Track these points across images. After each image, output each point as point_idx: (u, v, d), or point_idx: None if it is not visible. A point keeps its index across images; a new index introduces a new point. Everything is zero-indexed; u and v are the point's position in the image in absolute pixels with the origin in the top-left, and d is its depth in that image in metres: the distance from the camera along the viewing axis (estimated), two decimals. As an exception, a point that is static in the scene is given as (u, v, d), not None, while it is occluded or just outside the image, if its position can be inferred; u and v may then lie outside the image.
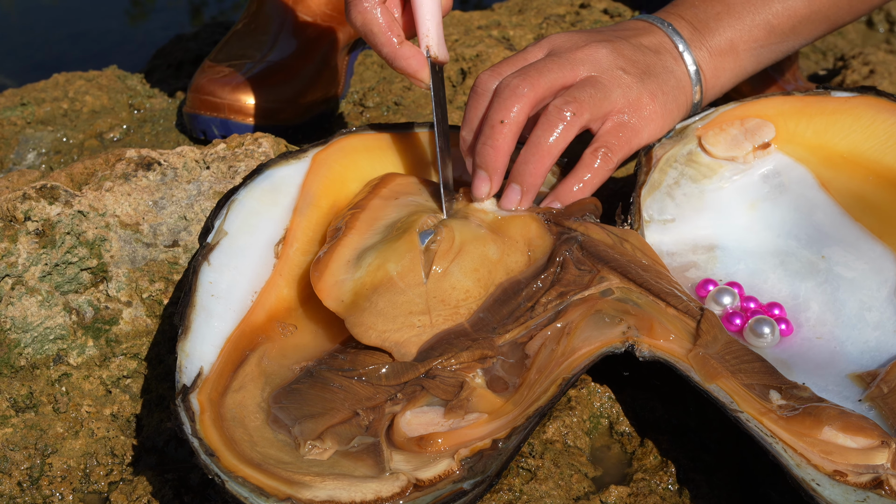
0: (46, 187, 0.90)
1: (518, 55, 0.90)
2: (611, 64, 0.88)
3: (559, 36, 0.91)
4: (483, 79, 0.87)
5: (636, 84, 0.88)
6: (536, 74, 0.86)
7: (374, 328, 0.79)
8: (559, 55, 0.88)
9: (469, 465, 0.71)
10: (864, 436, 0.73)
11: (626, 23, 0.96)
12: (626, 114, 0.88)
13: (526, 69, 0.86)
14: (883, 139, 0.92)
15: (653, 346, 0.77)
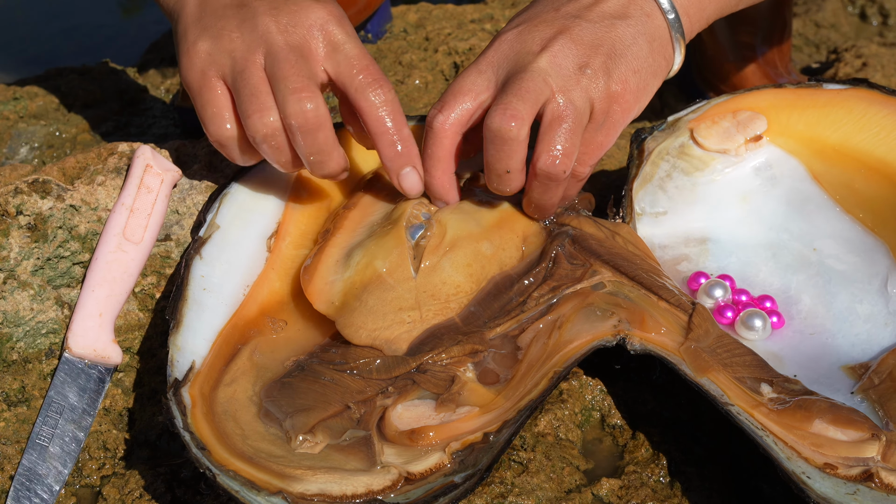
0: (38, 181, 0.90)
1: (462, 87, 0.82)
2: (573, 66, 0.81)
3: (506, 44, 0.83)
4: (435, 116, 0.82)
5: (603, 79, 0.81)
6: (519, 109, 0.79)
7: (365, 327, 0.79)
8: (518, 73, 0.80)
9: (460, 459, 0.71)
10: (855, 428, 0.73)
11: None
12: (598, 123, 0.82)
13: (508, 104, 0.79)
14: (875, 131, 0.92)
15: (644, 340, 0.78)
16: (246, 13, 0.81)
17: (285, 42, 0.80)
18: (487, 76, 0.82)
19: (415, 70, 1.25)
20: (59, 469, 0.78)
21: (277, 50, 0.80)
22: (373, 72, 0.81)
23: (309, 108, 0.78)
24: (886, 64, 1.26)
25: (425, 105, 1.21)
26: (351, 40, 0.82)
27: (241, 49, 0.80)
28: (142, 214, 0.87)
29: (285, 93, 0.79)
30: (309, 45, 0.81)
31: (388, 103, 0.81)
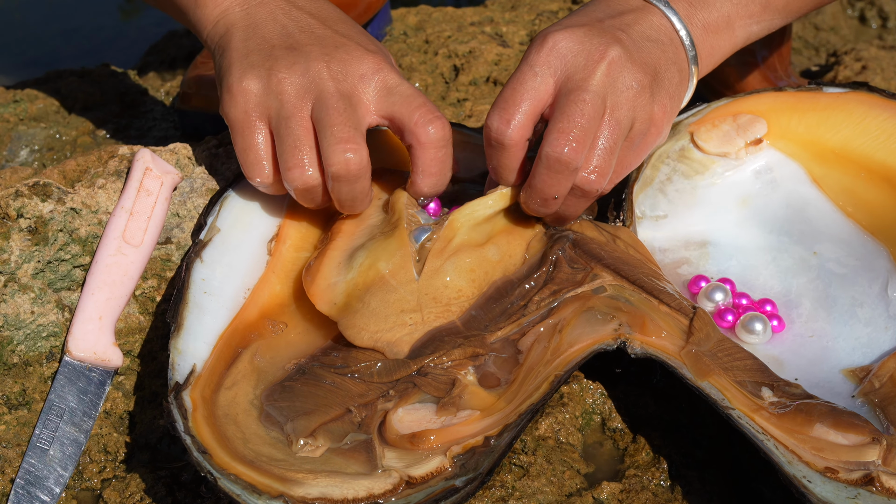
0: (39, 184, 0.90)
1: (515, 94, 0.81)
2: (626, 83, 0.80)
3: (563, 45, 0.81)
4: (497, 127, 0.81)
5: (648, 101, 0.81)
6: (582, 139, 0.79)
7: (367, 329, 0.79)
8: (579, 93, 0.79)
9: (461, 463, 0.71)
10: (855, 432, 0.73)
11: (620, 2, 0.86)
12: (633, 142, 0.83)
13: (571, 132, 0.78)
14: (875, 135, 0.92)
15: (645, 343, 0.78)
16: (297, 56, 0.81)
17: (336, 89, 0.80)
18: (545, 79, 0.81)
19: (415, 73, 1.26)
20: (59, 472, 0.78)
21: (328, 97, 0.80)
22: (430, 108, 0.82)
23: (351, 158, 0.79)
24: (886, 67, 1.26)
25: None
26: (404, 83, 0.82)
27: (290, 93, 0.80)
28: (142, 217, 0.87)
29: (331, 141, 0.79)
30: (359, 93, 0.81)
31: (444, 140, 0.82)
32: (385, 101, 0.82)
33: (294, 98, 0.80)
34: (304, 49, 0.82)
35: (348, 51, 0.82)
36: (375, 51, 0.83)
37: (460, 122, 1.17)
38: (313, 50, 0.82)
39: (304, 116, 0.80)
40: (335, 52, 0.82)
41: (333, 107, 0.80)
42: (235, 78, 0.81)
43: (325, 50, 0.82)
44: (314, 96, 0.80)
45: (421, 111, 0.81)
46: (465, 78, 1.24)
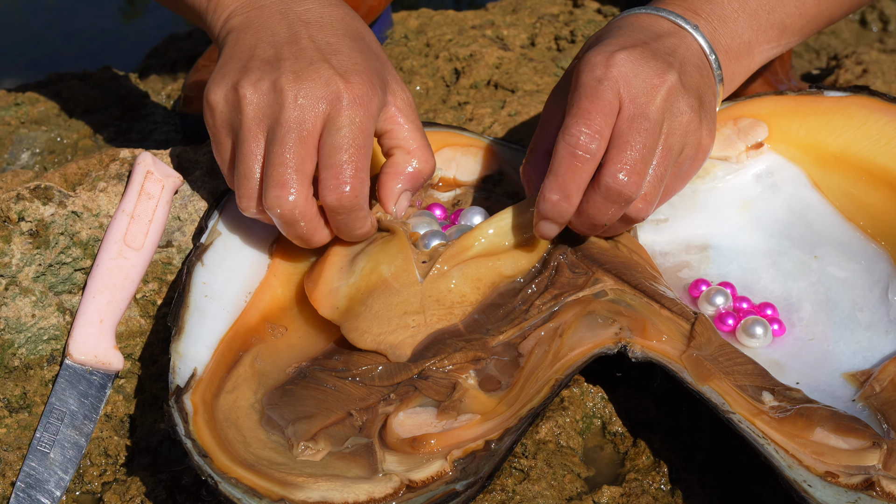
0: (40, 188, 0.90)
1: (596, 105, 0.78)
2: (681, 109, 0.80)
3: (625, 65, 0.79)
4: (584, 141, 0.77)
5: (697, 127, 0.81)
6: (643, 171, 0.78)
7: (370, 332, 0.79)
8: (641, 120, 0.78)
9: (462, 467, 0.71)
10: (856, 437, 0.73)
11: (652, 24, 0.84)
12: (681, 168, 0.82)
13: (635, 164, 0.77)
14: (875, 139, 0.92)
15: (645, 347, 0.78)
16: (265, 71, 0.79)
17: (290, 118, 0.77)
18: (615, 95, 0.78)
19: (416, 76, 1.26)
20: (60, 475, 0.78)
21: (279, 127, 0.77)
22: (341, 172, 0.77)
23: (288, 201, 0.77)
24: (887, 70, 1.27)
25: (426, 111, 1.21)
26: (351, 127, 0.77)
27: (248, 115, 0.78)
28: (143, 221, 0.87)
29: (268, 183, 0.77)
30: (313, 122, 0.78)
31: (340, 209, 0.78)
32: (324, 140, 0.78)
33: (251, 121, 0.78)
34: (278, 63, 0.79)
35: (318, 70, 0.78)
36: (350, 73, 0.79)
37: (461, 125, 1.17)
38: (285, 65, 0.79)
39: (259, 144, 0.78)
40: (306, 69, 0.78)
41: (280, 140, 0.77)
42: (209, 89, 0.80)
43: (299, 66, 0.79)
44: (270, 121, 0.78)
45: (329, 172, 0.77)
46: (466, 81, 1.24)
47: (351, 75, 0.79)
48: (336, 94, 0.78)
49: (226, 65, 0.81)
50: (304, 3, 0.83)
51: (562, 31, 1.31)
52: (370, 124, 0.79)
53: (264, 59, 0.80)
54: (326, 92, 0.77)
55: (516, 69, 1.25)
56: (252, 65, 0.80)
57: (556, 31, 1.31)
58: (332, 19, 0.83)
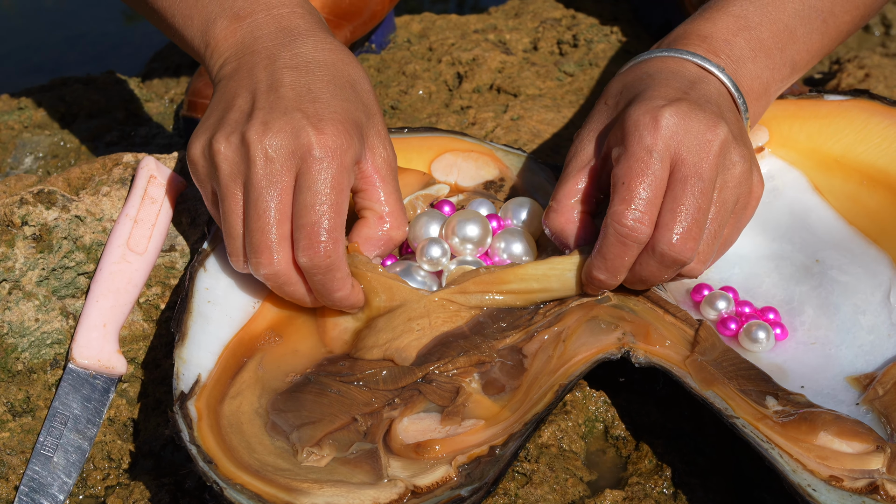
0: (44, 192, 0.90)
1: (646, 183, 0.75)
2: (734, 161, 0.78)
3: (673, 124, 0.76)
4: (634, 226, 0.75)
5: (748, 176, 0.79)
6: (698, 234, 0.76)
7: (377, 345, 0.79)
8: (695, 181, 0.76)
9: (466, 472, 0.71)
10: (860, 440, 0.73)
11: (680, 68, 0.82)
12: (736, 220, 0.81)
13: (690, 229, 0.75)
14: (876, 142, 0.92)
15: (648, 353, 0.78)
16: (238, 124, 0.77)
17: (259, 177, 0.75)
18: (664, 164, 0.76)
19: (418, 80, 1.26)
20: (63, 479, 0.78)
21: (251, 187, 0.76)
22: (312, 231, 0.75)
23: (271, 270, 0.77)
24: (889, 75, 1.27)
25: (428, 115, 1.21)
26: (321, 183, 0.75)
27: (224, 171, 0.77)
28: (146, 225, 0.88)
29: (249, 249, 0.77)
30: (285, 178, 0.76)
31: (315, 269, 0.76)
32: (296, 197, 0.76)
33: (227, 178, 0.77)
34: (252, 113, 0.77)
35: (290, 120, 0.76)
36: (323, 123, 0.76)
37: (464, 129, 1.17)
38: (258, 115, 0.77)
39: (237, 202, 0.77)
40: (277, 120, 0.76)
41: (254, 203, 0.76)
42: (190, 143, 0.80)
43: (271, 116, 0.76)
44: (243, 178, 0.76)
45: (301, 232, 0.76)
46: (469, 85, 1.24)
47: (325, 124, 0.76)
48: (306, 147, 0.75)
49: (207, 118, 0.80)
50: (297, 47, 0.80)
51: (564, 36, 1.31)
52: (343, 178, 0.77)
53: (241, 109, 0.78)
54: (296, 144, 0.75)
55: (519, 73, 1.25)
56: (228, 117, 0.78)
57: (558, 36, 1.31)
58: (320, 65, 0.80)
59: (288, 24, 0.82)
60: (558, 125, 1.16)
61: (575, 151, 0.83)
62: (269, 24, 0.82)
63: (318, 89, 0.78)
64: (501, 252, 0.85)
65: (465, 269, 0.83)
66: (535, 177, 0.94)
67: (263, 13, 0.82)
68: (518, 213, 0.88)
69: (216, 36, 0.83)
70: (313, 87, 0.78)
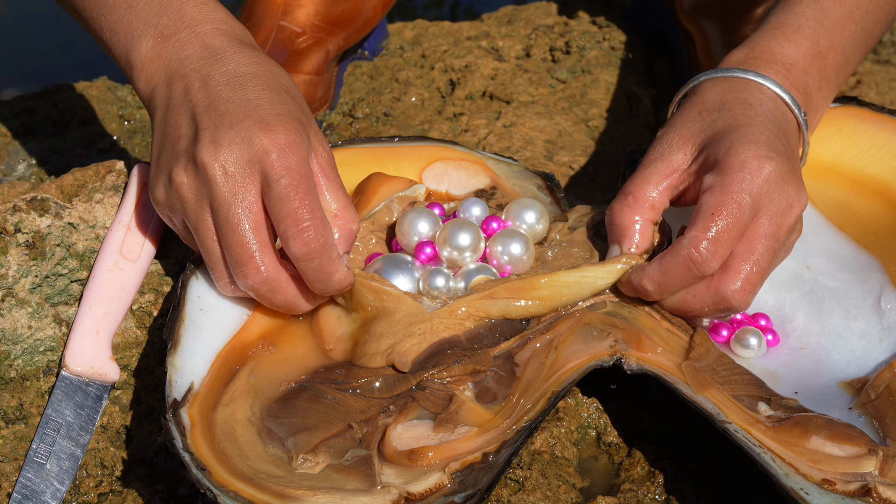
0: (37, 199, 0.90)
1: (733, 226, 0.76)
2: (798, 218, 0.80)
3: (772, 188, 0.77)
4: (706, 260, 0.76)
5: (800, 204, 0.80)
6: (759, 284, 0.79)
7: (379, 352, 0.79)
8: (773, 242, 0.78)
9: (460, 479, 0.71)
10: (852, 444, 0.73)
11: (776, 105, 0.83)
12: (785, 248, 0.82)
13: (754, 281, 0.78)
14: (865, 149, 0.92)
15: (641, 360, 0.78)
16: (190, 149, 0.77)
17: (222, 194, 0.76)
18: (747, 221, 0.77)
19: (411, 87, 1.26)
20: (56, 487, 0.78)
21: (217, 206, 0.76)
22: (297, 218, 0.75)
23: (258, 279, 0.77)
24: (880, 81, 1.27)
25: (421, 122, 1.21)
26: (287, 175, 0.76)
27: (189, 199, 0.77)
28: (139, 232, 0.88)
29: (233, 267, 0.77)
30: (249, 188, 0.76)
31: (311, 253, 0.76)
32: (266, 195, 0.76)
33: (194, 207, 0.77)
34: (197, 136, 0.77)
35: (240, 130, 0.76)
36: (273, 125, 0.77)
37: (456, 136, 1.17)
38: (204, 136, 0.77)
39: (209, 227, 0.77)
40: (225, 135, 0.76)
41: (224, 220, 0.76)
42: (151, 188, 0.80)
43: (218, 133, 0.77)
44: (208, 199, 0.77)
45: (286, 223, 0.76)
46: (462, 92, 1.25)
47: (274, 125, 0.77)
48: (263, 150, 0.76)
49: (158, 157, 0.80)
50: (225, 65, 0.80)
51: (557, 42, 1.31)
52: (306, 168, 0.77)
53: (187, 137, 0.78)
54: (252, 152, 0.76)
55: (511, 80, 1.25)
56: (178, 147, 0.78)
57: (550, 42, 1.32)
58: (251, 76, 0.80)
59: (212, 42, 0.82)
60: (551, 132, 1.17)
61: (661, 153, 0.82)
62: (194, 44, 0.82)
63: (257, 98, 0.79)
64: (500, 255, 0.85)
65: (486, 278, 0.83)
66: (526, 185, 0.94)
67: (187, 31, 0.82)
68: (522, 215, 0.87)
69: (142, 56, 0.83)
70: (251, 97, 0.79)
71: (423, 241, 0.85)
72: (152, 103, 0.82)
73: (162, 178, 0.79)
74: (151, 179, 0.80)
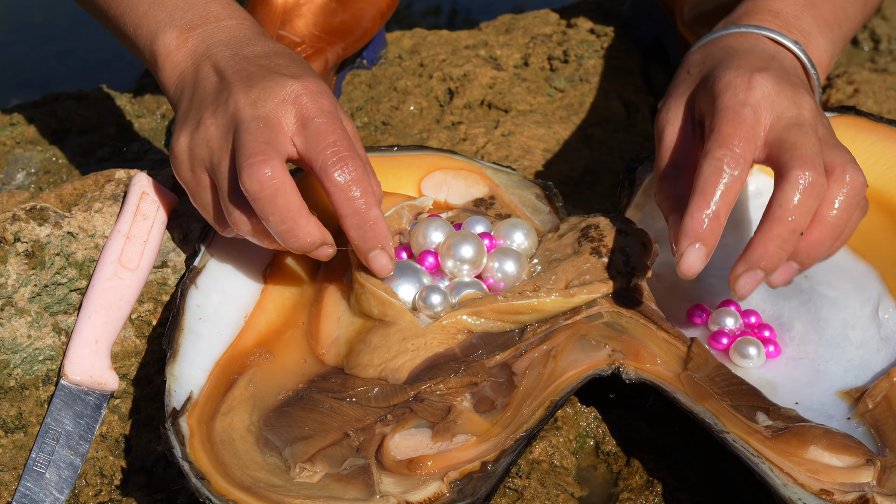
0: (36, 209, 0.90)
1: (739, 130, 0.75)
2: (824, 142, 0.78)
3: (767, 90, 0.77)
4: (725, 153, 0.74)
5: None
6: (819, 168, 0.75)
7: (372, 364, 0.79)
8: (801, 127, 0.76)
9: (458, 488, 0.72)
10: (850, 454, 0.73)
11: (758, 42, 0.83)
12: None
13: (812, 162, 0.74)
14: (863, 158, 0.92)
15: (639, 369, 0.78)
16: (222, 97, 0.79)
17: (251, 114, 0.77)
18: (753, 125, 0.76)
19: (409, 96, 1.26)
20: (55, 496, 0.78)
21: (242, 122, 0.76)
22: (339, 149, 0.76)
23: (265, 172, 0.74)
24: (878, 90, 1.27)
25: (419, 131, 1.21)
26: (323, 114, 0.77)
27: (215, 136, 0.78)
28: (138, 241, 0.88)
29: (240, 161, 0.75)
30: (278, 117, 0.77)
31: (354, 183, 0.76)
32: (300, 134, 0.77)
33: (219, 140, 0.78)
34: (229, 88, 0.79)
35: (272, 79, 0.79)
36: (303, 76, 0.79)
37: (454, 145, 1.17)
38: (236, 86, 0.79)
39: (231, 156, 0.77)
40: (259, 82, 0.79)
41: (245, 129, 0.76)
42: (174, 140, 0.80)
43: (250, 83, 0.79)
44: (234, 129, 0.77)
45: (326, 153, 0.76)
46: (460, 101, 1.25)
47: (304, 76, 0.79)
48: (296, 93, 0.78)
49: (184, 116, 0.81)
50: (251, 47, 0.83)
51: (555, 51, 1.32)
52: (339, 111, 0.79)
53: (217, 92, 0.80)
54: (285, 93, 0.78)
55: (510, 89, 1.25)
56: (207, 101, 0.79)
57: (549, 51, 1.32)
58: (276, 53, 0.83)
59: (237, 34, 0.84)
60: (549, 141, 1.17)
61: (665, 121, 0.83)
62: (220, 34, 0.84)
63: (285, 63, 0.81)
64: (495, 272, 0.85)
65: (475, 294, 0.83)
66: (524, 194, 0.95)
67: (213, 25, 0.84)
68: (511, 234, 0.88)
69: (167, 45, 0.84)
70: (279, 62, 0.81)
71: (426, 250, 0.85)
72: (179, 86, 0.83)
73: (187, 127, 0.79)
74: (175, 132, 0.80)
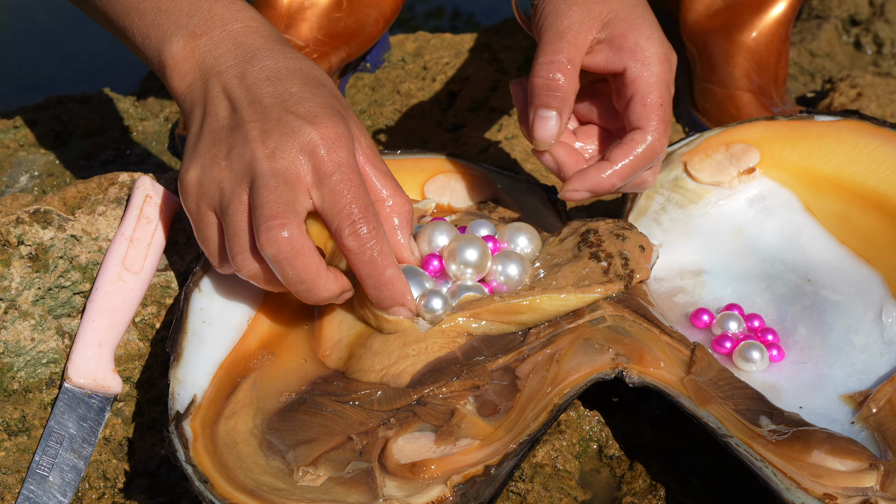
0: (40, 211, 0.90)
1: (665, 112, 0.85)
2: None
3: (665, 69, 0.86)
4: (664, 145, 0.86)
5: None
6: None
7: (373, 369, 0.79)
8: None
9: (462, 492, 0.72)
10: (853, 459, 0.73)
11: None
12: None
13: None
14: (866, 162, 0.92)
15: (642, 373, 0.78)
16: (237, 138, 0.78)
17: (269, 168, 0.76)
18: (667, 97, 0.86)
19: (413, 99, 1.26)
20: (58, 499, 0.78)
21: (259, 177, 0.76)
22: (353, 211, 0.76)
23: (283, 235, 0.74)
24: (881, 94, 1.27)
25: (423, 134, 1.22)
26: (339, 170, 0.76)
27: (227, 180, 0.77)
28: (141, 244, 0.88)
29: (258, 221, 0.75)
30: (296, 170, 0.76)
31: (369, 244, 0.76)
32: (317, 188, 0.76)
33: (231, 185, 0.76)
34: (244, 128, 0.78)
35: (288, 124, 0.77)
36: (319, 118, 0.77)
37: (457, 148, 1.17)
38: (253, 128, 0.77)
39: (243, 202, 0.76)
40: (275, 127, 0.77)
41: (264, 185, 0.75)
42: (184, 168, 0.80)
43: (266, 126, 0.77)
44: (250, 180, 0.76)
45: (342, 215, 0.76)
46: (463, 104, 1.25)
47: (320, 119, 0.77)
48: (312, 144, 0.76)
49: (196, 145, 0.80)
50: (259, 61, 0.81)
51: (557, 55, 1.32)
52: (355, 161, 0.78)
53: (230, 126, 0.79)
54: (301, 143, 0.76)
55: (512, 92, 1.25)
56: (221, 136, 0.79)
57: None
58: (287, 71, 0.81)
59: (244, 40, 0.82)
60: (552, 144, 1.17)
61: (568, 27, 0.87)
62: (226, 42, 0.82)
63: (299, 92, 0.79)
64: (498, 275, 0.85)
65: (473, 296, 0.83)
66: (527, 198, 0.95)
67: (218, 30, 0.83)
68: (515, 238, 0.88)
69: (174, 56, 0.83)
70: (293, 90, 0.79)
71: (431, 253, 0.85)
72: (188, 100, 0.83)
73: (199, 161, 0.79)
74: (185, 164, 0.80)
